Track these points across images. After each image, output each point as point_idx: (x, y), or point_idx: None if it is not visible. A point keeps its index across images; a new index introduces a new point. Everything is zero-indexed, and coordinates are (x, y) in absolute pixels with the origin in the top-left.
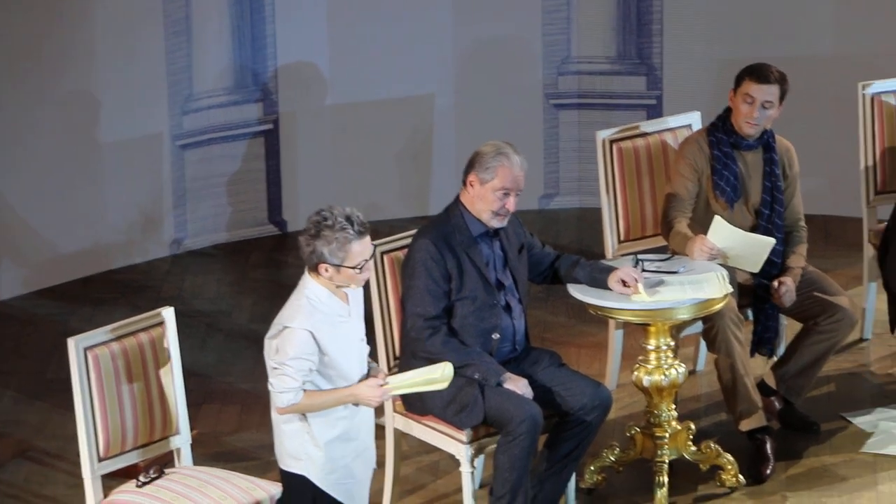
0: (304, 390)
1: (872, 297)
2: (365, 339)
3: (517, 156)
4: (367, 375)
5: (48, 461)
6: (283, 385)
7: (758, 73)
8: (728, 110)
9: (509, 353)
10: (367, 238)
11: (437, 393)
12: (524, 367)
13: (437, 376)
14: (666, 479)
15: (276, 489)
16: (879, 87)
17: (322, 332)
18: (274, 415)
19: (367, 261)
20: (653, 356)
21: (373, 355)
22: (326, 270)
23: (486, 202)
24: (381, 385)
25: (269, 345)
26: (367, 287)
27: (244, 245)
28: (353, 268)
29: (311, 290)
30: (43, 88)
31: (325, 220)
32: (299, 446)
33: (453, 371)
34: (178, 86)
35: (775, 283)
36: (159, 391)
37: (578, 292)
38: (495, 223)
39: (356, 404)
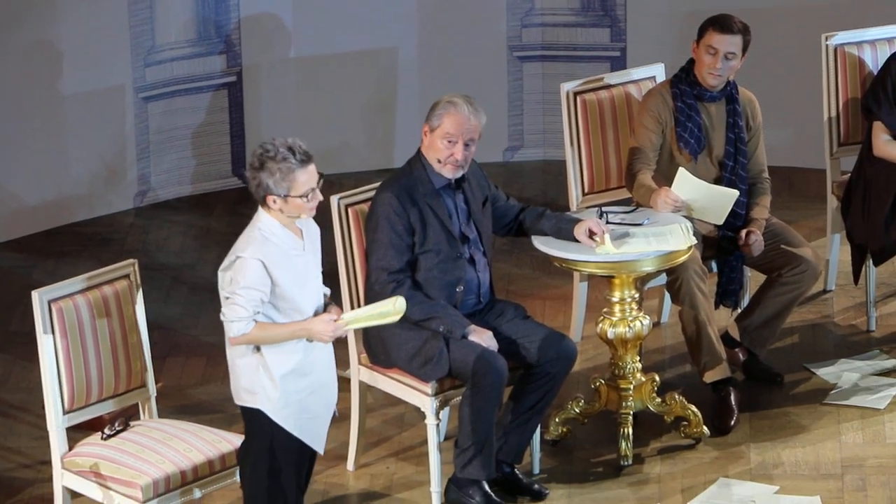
0: (257, 322)
1: (836, 249)
2: (321, 278)
3: (468, 106)
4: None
5: (12, 413)
6: (234, 314)
7: (721, 23)
8: (691, 62)
9: (474, 306)
10: (312, 166)
11: (402, 346)
12: (489, 319)
13: (389, 309)
14: (630, 430)
15: (241, 441)
16: (843, 39)
17: (274, 263)
18: (229, 352)
19: (313, 189)
20: (617, 308)
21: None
22: (275, 202)
23: (434, 150)
24: (335, 320)
25: (223, 277)
26: (331, 240)
27: (208, 198)
28: (300, 197)
29: (263, 223)
30: (4, 40)
31: (268, 151)
32: (254, 380)
33: (405, 305)
34: (141, 37)
35: (743, 233)
36: (124, 344)
37: (543, 245)
38: (446, 172)
39: (310, 340)
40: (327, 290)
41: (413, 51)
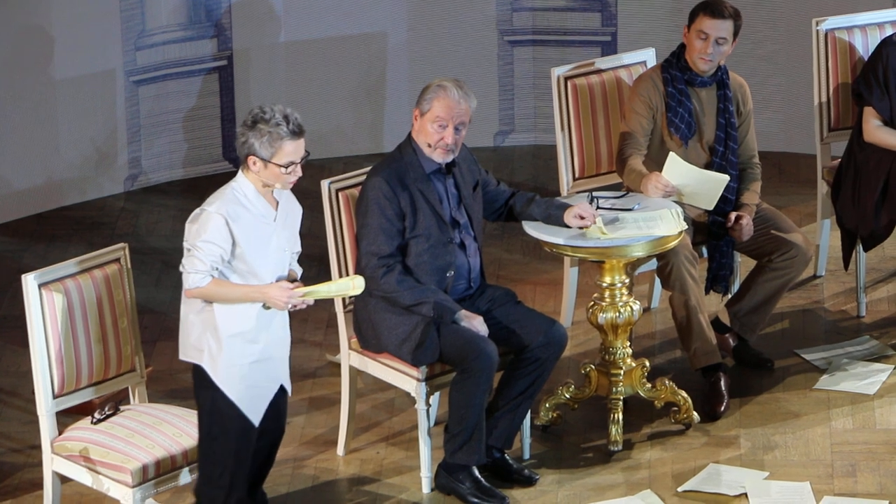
0: (214, 277)
1: (826, 234)
2: (290, 252)
3: (458, 90)
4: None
5: (2, 398)
6: (192, 266)
7: (712, 8)
8: (682, 47)
9: (464, 291)
10: (301, 140)
11: (392, 330)
12: (479, 304)
13: (348, 286)
14: (621, 416)
15: None
16: (833, 24)
17: (238, 223)
18: (183, 306)
19: (295, 164)
20: (608, 293)
21: None
22: (255, 164)
23: (424, 134)
24: (292, 288)
25: (189, 229)
26: (321, 224)
27: (199, 182)
28: (280, 166)
29: (238, 184)
30: None
31: (264, 113)
32: (202, 337)
33: (363, 283)
34: (132, 21)
35: (732, 216)
36: (114, 328)
37: (534, 230)
38: (436, 157)
39: (267, 307)
40: (299, 270)
41: (403, 35)
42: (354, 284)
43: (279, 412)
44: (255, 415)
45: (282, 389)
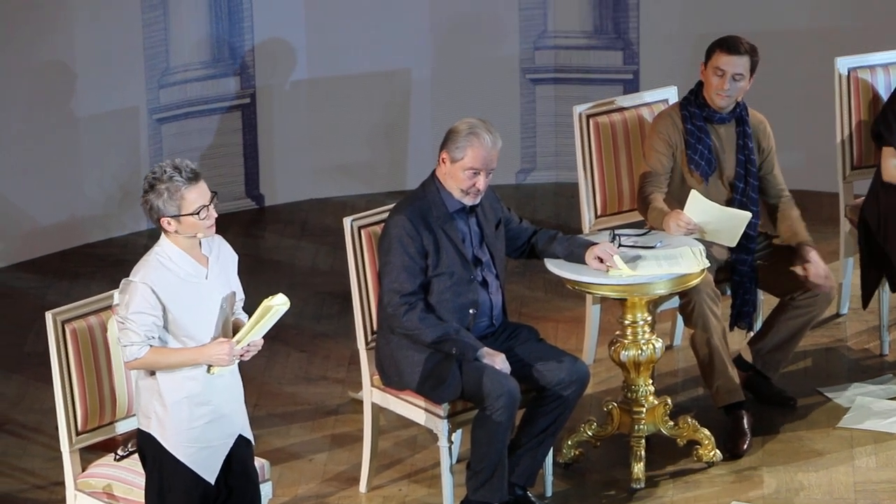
0: (152, 346)
1: (849, 273)
2: (231, 305)
3: (489, 135)
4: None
5: (26, 434)
6: (127, 339)
7: (728, 45)
8: (700, 84)
9: (486, 329)
10: (201, 184)
11: (414, 368)
12: (502, 341)
13: (272, 303)
14: (643, 453)
15: (257, 462)
16: (855, 62)
17: (166, 289)
18: (132, 374)
19: (206, 206)
20: (630, 331)
21: (348, 331)
22: (169, 224)
23: (456, 180)
24: (231, 340)
25: (120, 300)
26: (343, 262)
27: (221, 219)
28: (192, 214)
29: (161, 248)
30: (19, 61)
31: (154, 173)
32: (149, 404)
33: (283, 296)
34: (155, 59)
35: (807, 269)
36: None
37: (556, 267)
38: (466, 201)
39: (211, 371)
40: (243, 316)
41: (426, 72)
42: (274, 303)
43: (245, 466)
44: (211, 474)
45: (245, 441)
